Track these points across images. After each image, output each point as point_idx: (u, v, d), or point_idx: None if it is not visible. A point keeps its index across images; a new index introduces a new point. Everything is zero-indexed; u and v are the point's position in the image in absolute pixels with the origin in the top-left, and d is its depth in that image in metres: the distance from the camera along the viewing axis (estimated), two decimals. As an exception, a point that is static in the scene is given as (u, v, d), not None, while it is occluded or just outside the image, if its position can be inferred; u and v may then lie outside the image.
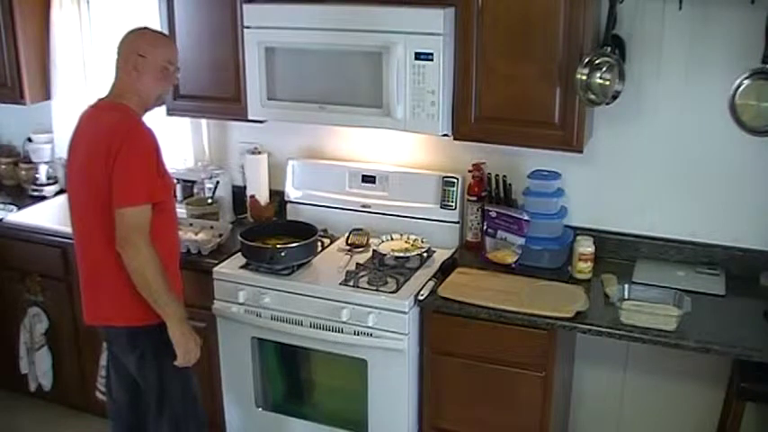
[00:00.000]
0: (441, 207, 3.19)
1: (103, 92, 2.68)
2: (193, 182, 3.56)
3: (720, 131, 2.77)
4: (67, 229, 3.37)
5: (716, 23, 2.75)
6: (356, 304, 2.82)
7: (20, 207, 3.73)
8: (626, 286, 2.72)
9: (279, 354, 3.08)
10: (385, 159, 3.35)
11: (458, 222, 3.20)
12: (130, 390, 2.83)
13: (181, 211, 3.28)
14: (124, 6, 3.67)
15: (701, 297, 2.72)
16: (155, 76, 2.61)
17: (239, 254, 3.07)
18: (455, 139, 2.92)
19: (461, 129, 2.88)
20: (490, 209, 3.04)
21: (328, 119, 3.01)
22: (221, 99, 3.20)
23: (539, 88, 2.73)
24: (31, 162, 3.95)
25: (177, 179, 3.45)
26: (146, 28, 2.71)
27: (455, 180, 3.15)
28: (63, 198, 3.87)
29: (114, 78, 2.64)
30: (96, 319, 2.69)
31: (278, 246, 2.97)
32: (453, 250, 3.16)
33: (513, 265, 2.97)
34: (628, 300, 2.67)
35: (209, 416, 2.93)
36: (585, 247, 2.88)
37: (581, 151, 2.79)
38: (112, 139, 2.48)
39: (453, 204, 3.17)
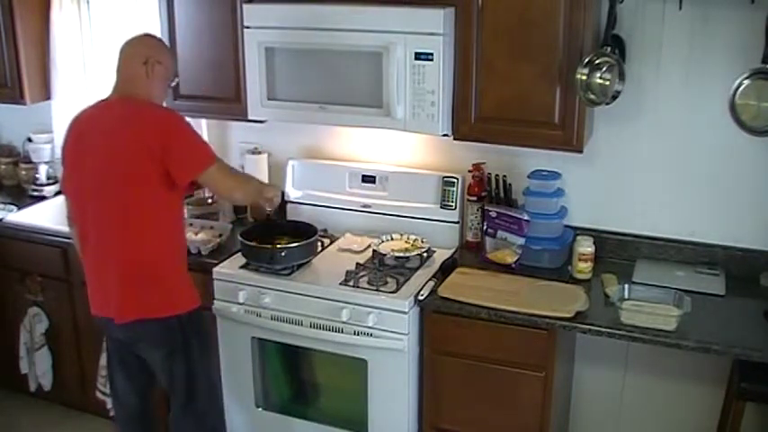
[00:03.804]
0: (441, 207, 3.19)
1: (103, 92, 2.68)
2: (193, 182, 3.55)
3: (720, 131, 2.77)
4: (68, 229, 3.40)
5: (716, 23, 2.74)
6: (356, 304, 2.82)
7: (20, 207, 3.73)
8: (626, 286, 2.72)
9: (279, 354, 3.08)
10: (385, 159, 3.35)
11: (458, 222, 3.20)
12: (141, 392, 2.83)
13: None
14: (124, 6, 3.67)
15: (701, 297, 2.72)
16: (165, 85, 2.72)
17: (239, 254, 3.07)
18: (455, 139, 2.91)
19: (461, 129, 2.88)
20: (490, 209, 3.04)
21: (328, 119, 3.01)
22: (221, 99, 3.20)
23: (539, 88, 2.73)
24: (31, 162, 3.95)
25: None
26: (154, 35, 2.78)
27: (455, 180, 3.15)
28: (63, 198, 3.87)
29: (122, 77, 2.64)
30: (131, 314, 2.61)
31: (278, 246, 2.97)
32: (453, 250, 3.15)
33: (513, 265, 2.97)
34: (628, 300, 2.67)
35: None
36: (585, 247, 2.88)
37: (581, 151, 2.79)
38: (149, 123, 2.55)
39: (453, 204, 3.17)
